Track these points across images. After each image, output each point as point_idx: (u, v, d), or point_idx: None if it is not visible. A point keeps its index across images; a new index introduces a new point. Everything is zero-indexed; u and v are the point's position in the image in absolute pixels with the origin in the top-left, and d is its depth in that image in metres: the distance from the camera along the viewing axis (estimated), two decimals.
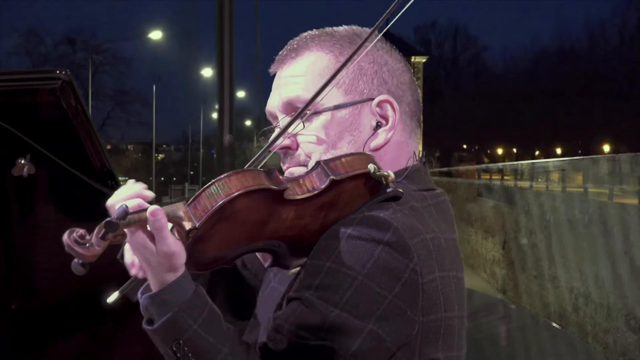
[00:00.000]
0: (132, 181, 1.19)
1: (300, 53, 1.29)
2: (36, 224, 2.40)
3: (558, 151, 45.68)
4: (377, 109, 1.27)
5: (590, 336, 14.37)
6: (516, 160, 39.39)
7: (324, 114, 1.25)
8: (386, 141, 1.27)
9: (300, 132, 1.26)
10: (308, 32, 1.32)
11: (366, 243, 1.11)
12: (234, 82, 4.70)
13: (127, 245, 1.17)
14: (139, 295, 1.16)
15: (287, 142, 1.27)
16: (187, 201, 1.07)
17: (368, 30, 1.31)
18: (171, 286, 1.11)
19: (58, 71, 2.01)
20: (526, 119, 43.59)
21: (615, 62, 44.59)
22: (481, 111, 45.56)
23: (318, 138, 1.26)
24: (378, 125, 1.27)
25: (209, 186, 1.06)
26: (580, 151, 41.57)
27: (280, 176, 1.11)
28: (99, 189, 2.27)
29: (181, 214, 1.06)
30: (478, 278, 23.15)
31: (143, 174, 41.44)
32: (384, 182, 1.16)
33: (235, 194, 1.05)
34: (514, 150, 49.82)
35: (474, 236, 25.16)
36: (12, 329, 2.36)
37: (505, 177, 27.71)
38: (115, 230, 1.03)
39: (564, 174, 20.69)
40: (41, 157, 2.18)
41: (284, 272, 1.29)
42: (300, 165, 1.27)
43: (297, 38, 1.32)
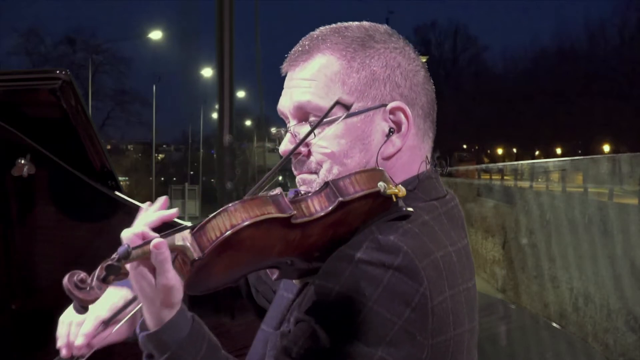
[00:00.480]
0: (146, 205, 1.18)
1: (312, 55, 1.27)
2: (36, 224, 2.40)
3: (558, 151, 45.66)
4: (390, 115, 1.26)
5: (590, 336, 14.36)
6: (516, 160, 39.37)
7: (336, 123, 1.23)
8: (398, 148, 1.26)
9: (311, 141, 1.25)
10: (320, 31, 1.30)
11: (376, 268, 1.09)
12: (234, 82, 4.70)
13: None
14: (137, 330, 1.17)
15: (299, 149, 1.26)
16: (193, 229, 1.06)
17: (380, 28, 1.29)
18: (168, 326, 1.11)
19: (58, 71, 2.00)
20: (526, 119, 43.56)
21: (615, 62, 44.56)
22: (481, 111, 45.55)
23: (330, 146, 1.24)
24: (390, 131, 1.25)
25: (215, 216, 1.05)
26: (580, 151, 41.54)
27: (286, 199, 1.10)
28: (99, 189, 2.27)
29: (186, 244, 1.06)
30: (478, 278, 23.01)
31: (143, 174, 41.45)
32: (394, 200, 1.15)
33: (241, 226, 1.04)
34: (514, 150, 49.80)
35: (474, 236, 25.16)
36: (12, 329, 2.36)
37: (505, 177, 27.72)
38: (117, 272, 1.03)
39: (564, 174, 20.69)
40: (41, 157, 2.18)
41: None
42: (311, 172, 1.27)
43: (309, 37, 1.30)
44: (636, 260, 12.75)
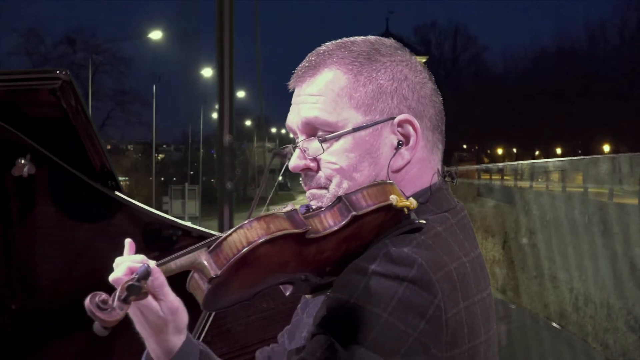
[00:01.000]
0: (128, 241, 1.17)
1: (318, 70, 1.27)
2: (36, 224, 2.40)
3: (558, 151, 45.65)
4: (398, 128, 1.26)
5: (590, 336, 14.36)
6: (516, 160, 39.37)
7: (344, 137, 1.24)
8: (407, 161, 1.26)
9: (320, 156, 1.25)
10: (325, 46, 1.30)
11: (390, 280, 1.10)
12: (234, 82, 4.69)
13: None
14: None
15: (308, 163, 1.27)
16: (209, 247, 1.07)
17: (386, 42, 1.29)
18: (178, 355, 1.13)
19: (58, 71, 2.01)
20: (526, 119, 43.57)
21: (615, 62, 44.56)
22: (481, 111, 45.57)
23: (339, 161, 1.24)
24: (399, 144, 1.25)
25: (231, 234, 1.06)
26: (580, 151, 41.54)
27: (301, 215, 1.11)
28: (99, 189, 2.27)
29: (203, 262, 1.07)
30: None
31: (143, 174, 41.42)
32: (406, 212, 1.16)
33: (257, 242, 1.05)
34: (514, 150, 49.80)
35: None
36: (12, 329, 2.36)
37: (505, 177, 27.72)
38: (138, 293, 1.04)
39: (564, 174, 20.69)
40: (41, 157, 2.18)
41: (310, 303, 1.32)
42: (320, 187, 1.27)
43: (315, 53, 1.30)
44: (636, 260, 12.76)
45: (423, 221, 1.17)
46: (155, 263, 1.09)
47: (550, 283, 16.99)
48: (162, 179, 45.69)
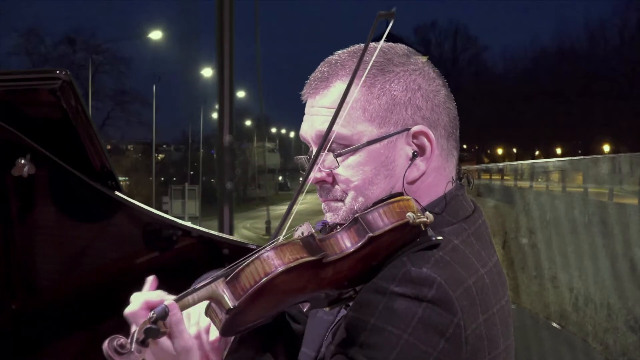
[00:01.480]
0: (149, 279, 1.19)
1: (331, 82, 1.26)
2: (36, 224, 2.40)
3: (558, 151, 45.66)
4: (413, 139, 1.25)
5: (590, 336, 14.35)
6: (516, 160, 39.38)
7: (359, 151, 1.23)
8: (423, 171, 1.26)
9: (335, 168, 1.25)
10: (338, 55, 1.29)
11: (410, 301, 1.10)
12: (234, 82, 4.69)
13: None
14: None
15: (323, 176, 1.26)
16: (227, 278, 1.08)
17: (399, 50, 1.28)
18: None
19: (58, 71, 2.00)
20: (526, 119, 43.58)
21: (615, 62, 44.56)
22: (481, 111, 45.53)
23: (354, 175, 1.24)
24: (414, 155, 1.24)
25: (249, 264, 1.06)
26: (580, 151, 41.53)
27: (317, 241, 1.11)
28: (99, 189, 2.27)
29: (221, 293, 1.07)
30: None
31: (143, 174, 41.41)
32: (423, 228, 1.16)
33: (275, 273, 1.05)
34: (514, 150, 49.82)
35: None
36: (12, 329, 2.36)
37: (505, 177, 27.72)
38: (156, 335, 1.05)
39: (564, 174, 20.68)
40: (41, 157, 2.18)
41: None
42: (336, 200, 1.26)
43: (327, 63, 1.29)
44: (636, 260, 12.75)
45: (440, 237, 1.17)
46: (173, 299, 1.09)
47: (550, 283, 16.98)
48: (162, 179, 45.68)
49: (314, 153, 1.24)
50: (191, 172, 44.74)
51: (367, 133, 1.23)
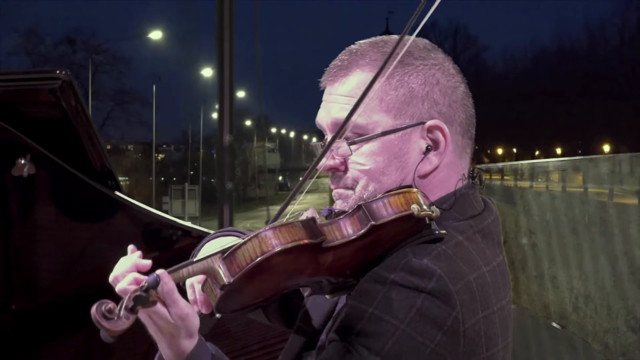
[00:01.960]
0: (130, 248, 1.18)
1: (350, 71, 1.27)
2: (36, 224, 2.40)
3: (558, 151, 45.67)
4: (428, 133, 1.25)
5: (590, 336, 14.35)
6: (516, 160, 39.39)
7: (373, 140, 1.24)
8: (435, 166, 1.26)
9: (348, 156, 1.25)
10: (359, 45, 1.29)
11: (409, 291, 1.10)
12: (234, 82, 4.70)
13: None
14: None
15: (336, 163, 1.27)
16: (224, 254, 1.07)
17: (420, 44, 1.28)
18: (190, 359, 1.13)
19: (58, 71, 2.01)
20: (526, 119, 43.57)
21: (615, 62, 44.53)
22: (481, 111, 45.04)
23: (366, 164, 1.24)
24: (428, 149, 1.25)
25: (246, 242, 1.06)
26: (580, 151, 41.56)
27: (318, 225, 1.10)
28: (99, 189, 2.27)
29: (217, 268, 1.07)
30: None
31: (143, 174, 41.41)
32: (428, 222, 1.15)
33: (271, 253, 1.05)
34: (514, 150, 49.82)
35: None
36: (12, 329, 2.36)
37: (505, 177, 27.70)
38: (145, 302, 1.04)
39: (564, 174, 20.68)
40: (41, 157, 2.18)
41: None
42: (347, 188, 1.27)
43: (347, 52, 1.29)
44: (636, 260, 12.75)
45: (444, 231, 1.17)
46: (167, 270, 1.08)
47: (550, 283, 16.98)
48: (162, 179, 45.68)
49: (328, 140, 1.25)
50: (191, 172, 44.74)
51: (383, 123, 1.24)
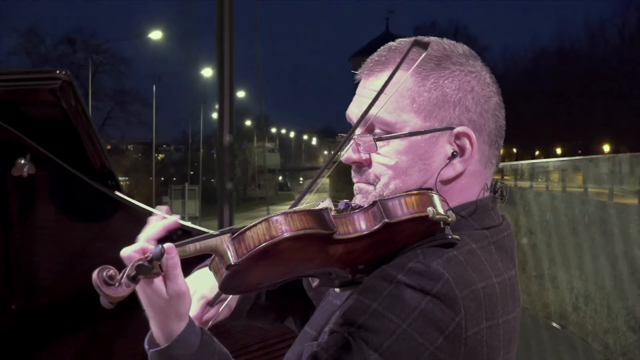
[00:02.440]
0: (164, 209, 1.22)
1: (387, 67, 1.26)
2: (36, 224, 2.40)
3: (558, 151, 45.67)
4: (455, 140, 1.25)
5: (590, 336, 14.35)
6: (516, 160, 39.39)
7: (400, 139, 1.23)
8: (459, 173, 1.25)
9: (373, 152, 1.25)
10: (398, 42, 1.29)
11: (414, 292, 1.10)
12: (234, 82, 4.70)
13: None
14: (146, 347, 1.17)
15: (360, 157, 1.27)
16: (233, 234, 1.07)
17: (459, 49, 1.28)
18: (179, 340, 1.13)
19: (58, 71, 2.01)
20: (526, 119, 43.52)
21: (615, 62, 44.54)
22: None
23: (390, 161, 1.24)
24: (453, 155, 1.24)
25: (256, 224, 1.06)
26: (580, 151, 41.56)
27: (331, 216, 1.10)
28: (99, 189, 2.27)
29: (224, 247, 1.07)
30: None
31: (143, 174, 41.41)
32: (442, 226, 1.15)
33: (279, 238, 1.05)
34: (514, 150, 49.84)
35: None
36: (12, 329, 2.36)
37: (505, 177, 27.71)
38: (147, 272, 1.04)
39: (564, 174, 20.68)
40: (41, 157, 2.18)
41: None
42: (368, 183, 1.27)
43: (387, 48, 1.29)
44: (636, 260, 12.75)
45: (457, 237, 1.17)
46: (174, 244, 1.09)
47: (550, 283, 16.98)
48: (162, 179, 45.70)
49: (357, 135, 1.25)
50: (191, 172, 44.75)
51: (411, 124, 1.23)
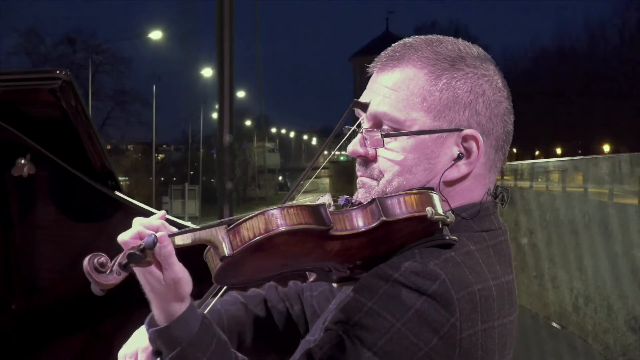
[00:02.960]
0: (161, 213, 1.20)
1: (400, 63, 1.26)
2: (36, 224, 2.40)
3: (558, 151, 45.66)
4: (462, 142, 1.25)
5: (590, 336, 14.36)
6: (516, 160, 39.39)
7: (407, 137, 1.23)
8: (463, 175, 1.25)
9: (379, 147, 1.25)
10: (413, 39, 1.29)
11: (410, 291, 1.10)
12: (234, 82, 4.69)
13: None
14: (146, 327, 1.18)
15: (367, 152, 1.27)
16: (229, 225, 1.07)
17: (474, 52, 1.28)
18: (178, 321, 1.13)
19: (58, 71, 2.01)
20: (526, 119, 43.43)
21: (615, 62, 44.51)
22: None
23: (396, 158, 1.24)
24: (459, 156, 1.24)
25: (252, 217, 1.06)
26: (580, 151, 41.54)
27: (328, 212, 1.10)
28: (99, 189, 2.27)
29: (219, 239, 1.07)
30: None
31: (143, 174, 41.39)
32: (441, 226, 1.15)
33: (275, 232, 1.05)
34: (514, 150, 49.82)
35: None
36: (12, 329, 2.36)
37: (505, 177, 27.71)
38: (139, 261, 1.04)
39: (564, 174, 20.68)
40: (41, 157, 2.18)
41: (339, 294, 1.33)
42: (372, 178, 1.27)
43: (402, 44, 1.29)
44: (636, 260, 12.75)
45: (455, 238, 1.17)
46: (169, 234, 1.09)
47: (550, 283, 16.98)
48: (162, 179, 45.67)
49: (365, 129, 1.26)
50: (191, 172, 44.74)
51: (420, 122, 1.23)
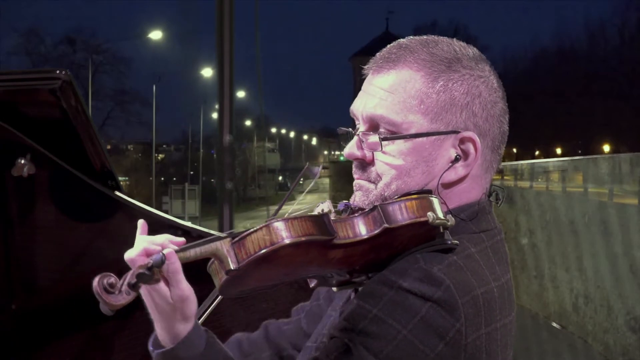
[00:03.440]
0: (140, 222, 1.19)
1: (396, 65, 1.25)
2: (36, 224, 2.40)
3: (558, 151, 45.66)
4: (460, 144, 1.25)
5: (590, 336, 14.37)
6: (516, 160, 39.40)
7: (404, 140, 1.23)
8: (460, 177, 1.26)
9: (377, 150, 1.25)
10: (409, 40, 1.28)
11: (415, 298, 1.10)
12: (234, 82, 4.69)
13: None
14: (150, 348, 1.18)
15: (364, 155, 1.26)
16: (233, 238, 1.07)
17: (470, 53, 1.28)
18: (184, 342, 1.13)
19: (58, 71, 2.01)
20: (526, 119, 43.50)
21: (615, 62, 44.51)
22: None
23: (393, 161, 1.24)
24: (457, 158, 1.24)
25: (257, 230, 1.06)
26: (580, 151, 41.54)
27: (331, 221, 1.10)
28: (99, 189, 2.27)
29: (224, 252, 1.07)
30: None
31: (143, 174, 41.41)
32: (442, 230, 1.15)
33: (280, 244, 1.05)
34: (514, 150, 49.83)
35: None
36: (12, 329, 2.36)
37: (505, 177, 27.72)
38: (148, 280, 1.05)
39: (564, 174, 20.69)
40: (41, 157, 2.18)
41: (336, 296, 1.33)
42: (370, 181, 1.26)
43: (397, 45, 1.28)
44: (636, 260, 12.76)
45: (456, 242, 1.17)
46: (175, 249, 1.09)
47: (550, 283, 16.99)
48: (162, 179, 45.68)
49: (361, 132, 1.26)
50: (191, 172, 44.75)
51: (417, 125, 1.23)
